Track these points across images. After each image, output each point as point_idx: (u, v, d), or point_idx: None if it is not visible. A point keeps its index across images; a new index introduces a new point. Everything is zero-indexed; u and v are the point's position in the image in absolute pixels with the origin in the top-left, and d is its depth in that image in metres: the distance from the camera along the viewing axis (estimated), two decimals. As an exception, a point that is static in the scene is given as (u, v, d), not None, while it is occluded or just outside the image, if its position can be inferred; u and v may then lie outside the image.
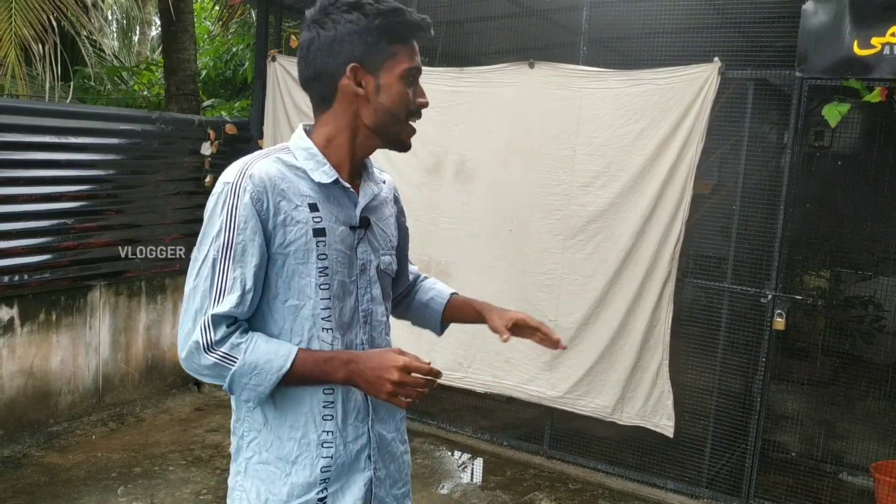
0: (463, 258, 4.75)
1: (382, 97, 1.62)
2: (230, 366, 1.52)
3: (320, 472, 1.63)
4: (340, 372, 1.56)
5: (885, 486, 3.98)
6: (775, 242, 4.01)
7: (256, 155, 1.62)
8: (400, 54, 1.61)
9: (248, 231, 1.53)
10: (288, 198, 1.57)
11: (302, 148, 1.64)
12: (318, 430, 1.63)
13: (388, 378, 1.54)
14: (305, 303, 1.60)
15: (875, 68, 3.66)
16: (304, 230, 1.58)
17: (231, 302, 1.52)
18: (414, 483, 4.45)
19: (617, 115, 4.22)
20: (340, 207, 1.65)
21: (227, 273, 1.53)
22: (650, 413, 4.28)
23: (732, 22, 4.61)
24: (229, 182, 1.55)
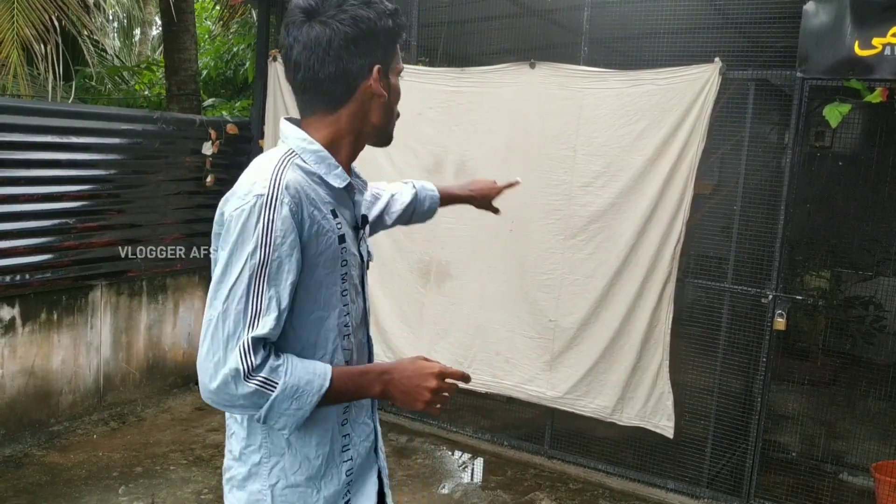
0: (463, 258, 4.75)
1: (392, 97, 1.63)
2: (270, 392, 1.42)
3: (345, 477, 1.63)
4: (377, 385, 1.54)
5: (885, 487, 3.99)
6: (776, 243, 4.01)
7: (276, 162, 1.52)
8: (398, 55, 1.64)
9: (286, 246, 1.44)
10: (317, 206, 1.52)
11: (311, 151, 1.56)
12: (340, 437, 1.61)
13: (427, 386, 1.53)
14: (330, 313, 1.56)
15: (876, 69, 3.66)
16: (332, 238, 1.54)
17: (269, 324, 1.43)
18: (415, 483, 4.48)
19: (617, 115, 4.22)
20: (347, 209, 1.63)
21: (263, 293, 1.43)
22: (650, 414, 4.28)
23: (733, 22, 4.61)
24: (263, 195, 1.44)
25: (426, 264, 4.87)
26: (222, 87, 8.43)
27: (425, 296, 4.88)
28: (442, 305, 4.83)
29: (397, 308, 4.97)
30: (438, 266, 4.83)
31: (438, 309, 4.84)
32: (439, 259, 4.82)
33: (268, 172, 1.48)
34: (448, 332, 4.81)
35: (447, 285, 4.81)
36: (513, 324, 4.60)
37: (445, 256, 4.80)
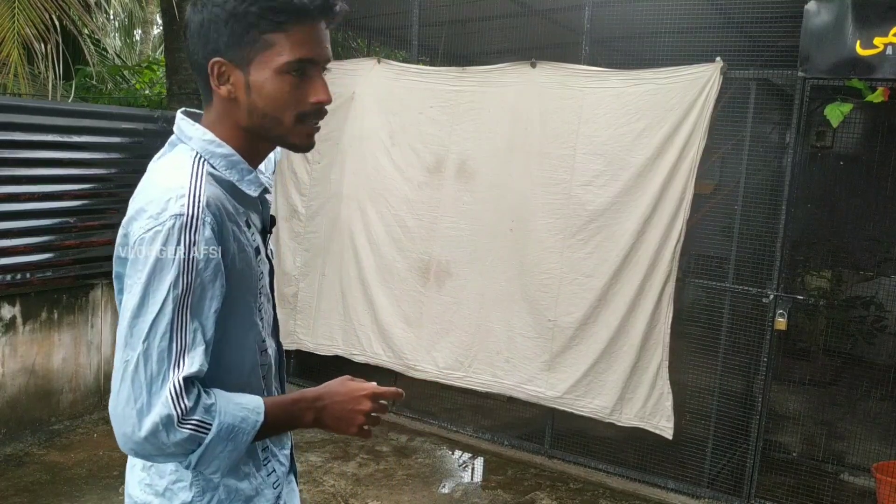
0: (464, 257, 4.75)
1: (254, 96, 1.34)
2: (204, 434, 1.26)
3: (273, 490, 1.51)
4: (309, 413, 1.40)
5: (886, 487, 3.98)
6: (777, 242, 4.01)
7: (192, 172, 1.32)
8: (279, 45, 1.32)
9: (210, 272, 1.27)
10: (235, 221, 1.35)
11: (220, 154, 1.37)
12: (259, 451, 1.49)
13: (360, 409, 1.41)
14: (248, 333, 1.41)
15: (878, 68, 3.66)
16: (251, 253, 1.39)
17: (198, 360, 1.26)
18: (415, 482, 4.48)
19: (618, 114, 4.22)
20: (255, 213, 1.46)
21: (187, 325, 1.25)
22: (649, 414, 4.28)
23: (735, 22, 4.61)
24: (182, 214, 1.25)
25: (426, 263, 4.87)
26: (223, 87, 8.40)
27: (425, 295, 4.88)
28: (442, 305, 4.83)
29: (397, 307, 4.97)
30: (438, 265, 4.83)
31: (439, 308, 4.84)
32: (439, 258, 4.82)
33: (184, 187, 1.28)
34: (448, 331, 4.81)
35: (447, 285, 4.81)
36: (512, 323, 4.59)
37: (445, 256, 4.80)
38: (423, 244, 4.85)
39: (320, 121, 1.41)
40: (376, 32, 6.61)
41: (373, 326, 5.06)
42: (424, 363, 4.87)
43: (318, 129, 1.42)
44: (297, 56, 1.32)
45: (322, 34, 1.36)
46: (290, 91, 1.34)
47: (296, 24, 1.32)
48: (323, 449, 4.71)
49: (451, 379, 4.80)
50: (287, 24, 1.31)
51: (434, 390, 5.17)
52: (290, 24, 1.31)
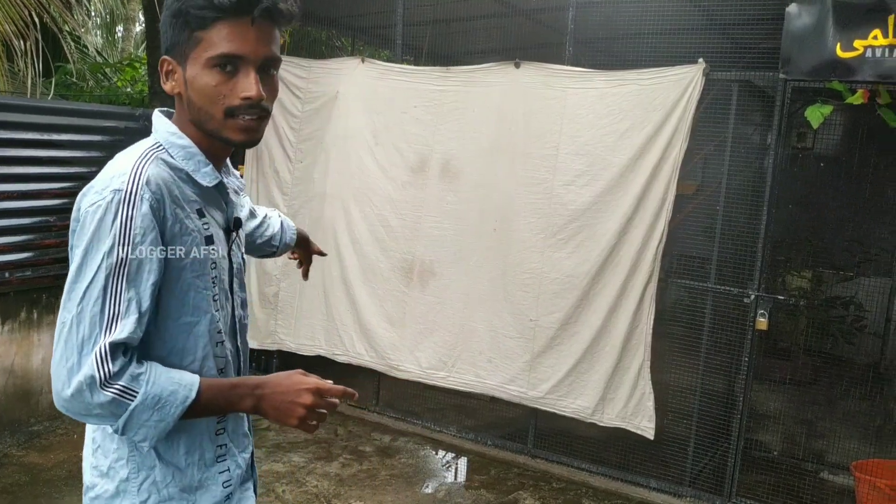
0: (447, 257, 4.74)
1: (191, 91, 1.42)
2: (129, 401, 1.32)
3: (223, 489, 1.54)
4: (248, 400, 1.43)
5: (865, 485, 4.02)
6: (758, 243, 4.04)
7: (138, 156, 1.41)
8: (206, 41, 1.39)
9: (147, 245, 1.34)
10: (181, 205, 1.42)
11: (179, 145, 1.46)
12: (213, 446, 1.52)
13: (301, 402, 1.43)
14: (201, 319, 1.46)
15: (857, 70, 3.69)
16: (198, 240, 1.44)
17: (128, 327, 1.32)
18: (398, 482, 4.47)
19: (601, 114, 4.24)
20: (217, 210, 1.53)
21: (122, 294, 1.32)
22: (631, 414, 4.29)
23: (717, 24, 4.64)
24: (121, 189, 1.34)
25: (409, 263, 4.86)
26: (206, 85, 8.35)
27: (408, 295, 4.87)
28: (426, 305, 4.82)
29: (380, 307, 4.96)
30: (422, 265, 4.82)
31: (422, 308, 4.84)
32: (423, 258, 4.82)
33: (128, 167, 1.38)
34: (432, 331, 4.80)
35: (431, 284, 4.80)
36: (495, 323, 4.60)
37: (429, 255, 4.79)
38: (407, 244, 4.85)
39: (257, 117, 1.44)
40: (360, 32, 6.60)
41: (355, 326, 5.05)
42: (407, 363, 4.86)
43: (255, 125, 1.45)
44: (220, 51, 1.38)
45: (252, 32, 1.39)
46: (216, 86, 1.40)
47: (221, 22, 1.38)
48: (306, 449, 4.69)
49: (435, 379, 4.80)
50: (214, 21, 1.38)
51: (417, 390, 5.16)
52: (216, 22, 1.38)
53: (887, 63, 3.62)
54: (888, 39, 3.62)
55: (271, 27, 1.43)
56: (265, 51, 1.42)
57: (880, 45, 3.64)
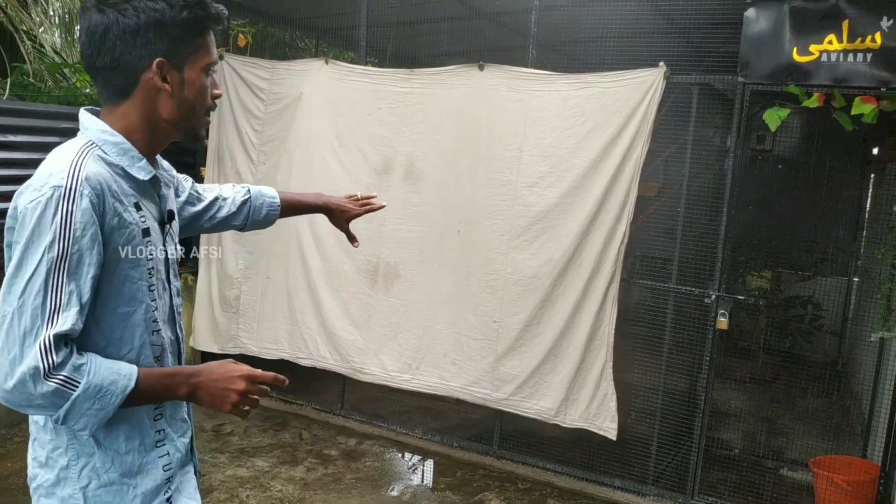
0: (411, 259, 4.74)
1: (187, 92, 1.56)
2: (72, 391, 1.37)
3: (163, 472, 1.61)
4: (184, 387, 1.52)
5: (823, 481, 4.10)
6: (718, 244, 4.10)
7: (75, 153, 1.47)
8: (203, 48, 1.57)
9: (87, 239, 1.40)
10: (119, 199, 1.48)
11: (112, 142, 1.53)
12: (152, 432, 1.60)
13: (235, 388, 1.52)
14: (137, 308, 1.53)
15: (813, 75, 3.77)
16: (136, 232, 1.51)
17: (70, 319, 1.38)
18: (364, 486, 4.44)
19: (564, 117, 4.26)
20: (152, 203, 1.61)
21: (63, 287, 1.38)
22: (593, 415, 4.32)
23: (678, 27, 4.70)
24: (61, 186, 1.40)
25: (373, 265, 4.85)
26: (167, 86, 8.24)
27: (373, 297, 4.86)
28: (390, 307, 4.81)
29: (345, 310, 4.93)
30: (386, 267, 4.81)
31: (387, 311, 4.82)
32: (387, 260, 4.80)
33: (66, 164, 1.44)
34: (396, 334, 4.79)
35: (395, 287, 4.79)
36: (459, 325, 4.60)
37: (393, 257, 4.78)
38: (371, 246, 4.83)
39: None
40: (324, 33, 6.56)
41: (319, 329, 5.01)
42: (372, 366, 4.85)
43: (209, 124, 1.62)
44: (214, 57, 1.60)
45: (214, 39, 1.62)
46: (207, 87, 1.60)
47: (210, 31, 1.59)
48: (270, 454, 4.65)
49: (399, 382, 4.79)
50: (208, 31, 1.58)
51: (383, 393, 5.15)
52: (209, 31, 1.58)
53: (842, 67, 3.71)
54: (842, 44, 3.70)
55: None
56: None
57: (835, 50, 3.72)
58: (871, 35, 3.63)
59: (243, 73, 5.26)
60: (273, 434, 4.95)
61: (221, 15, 1.58)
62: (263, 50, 5.93)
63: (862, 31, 3.65)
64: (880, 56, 3.63)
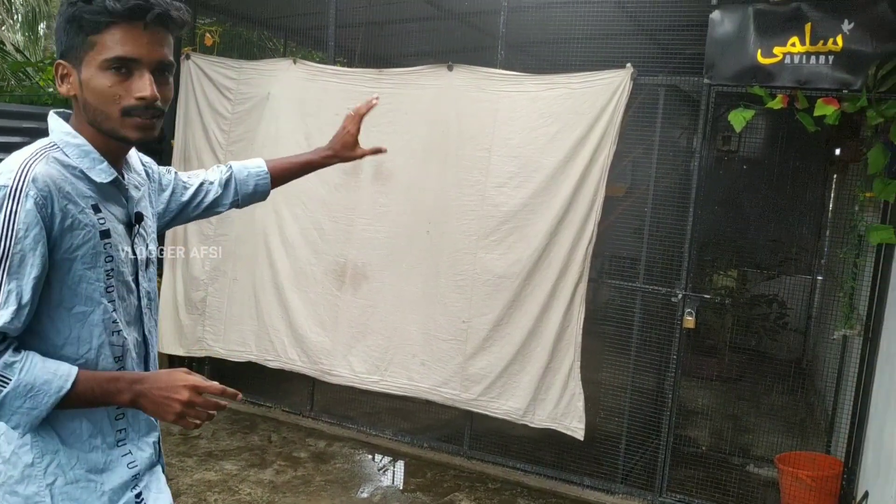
0: (380, 260, 4.72)
1: (86, 93, 1.50)
2: (2, 388, 1.38)
3: (128, 469, 1.60)
4: (126, 394, 1.49)
5: (788, 477, 4.16)
6: (685, 243, 4.14)
7: (29, 155, 1.47)
8: (99, 44, 1.47)
9: (30, 240, 1.40)
10: (73, 200, 1.47)
11: (74, 144, 1.53)
12: (113, 430, 1.59)
13: (177, 398, 1.48)
14: (94, 308, 1.52)
15: (777, 76, 3.83)
16: (92, 234, 1.50)
17: (5, 317, 1.38)
18: (334, 488, 4.42)
19: (532, 117, 4.28)
20: (117, 205, 1.59)
21: (2, 286, 1.39)
22: (561, 415, 4.34)
23: (645, 29, 4.74)
24: (7, 186, 1.40)
25: (341, 266, 4.82)
26: (133, 85, 8.14)
27: (341, 298, 4.83)
28: (358, 308, 4.79)
29: (312, 311, 4.90)
30: (354, 268, 4.79)
31: (354, 312, 4.80)
32: (355, 261, 4.78)
33: (16, 165, 1.44)
34: (365, 335, 4.77)
35: (364, 288, 4.77)
36: (428, 326, 4.59)
37: (362, 258, 4.76)
38: (340, 247, 4.81)
39: (151, 116, 1.52)
40: (292, 33, 6.52)
41: (287, 331, 4.98)
42: (340, 368, 4.82)
43: (151, 123, 1.53)
44: (114, 54, 1.46)
45: (145, 36, 1.48)
46: (111, 86, 1.47)
47: (115, 27, 1.46)
48: (239, 457, 4.61)
49: (367, 383, 4.77)
50: (108, 26, 1.45)
51: (352, 394, 5.12)
52: (110, 26, 1.46)
53: (805, 69, 3.77)
54: (805, 47, 3.76)
55: (164, 32, 1.51)
56: (159, 54, 1.51)
57: (798, 52, 3.78)
58: (832, 38, 3.70)
59: (210, 73, 5.21)
60: (241, 437, 4.91)
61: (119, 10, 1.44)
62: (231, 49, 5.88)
63: (824, 33, 3.72)
64: (842, 58, 3.69)
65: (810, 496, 4.02)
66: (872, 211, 4.11)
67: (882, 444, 3.46)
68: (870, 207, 4.14)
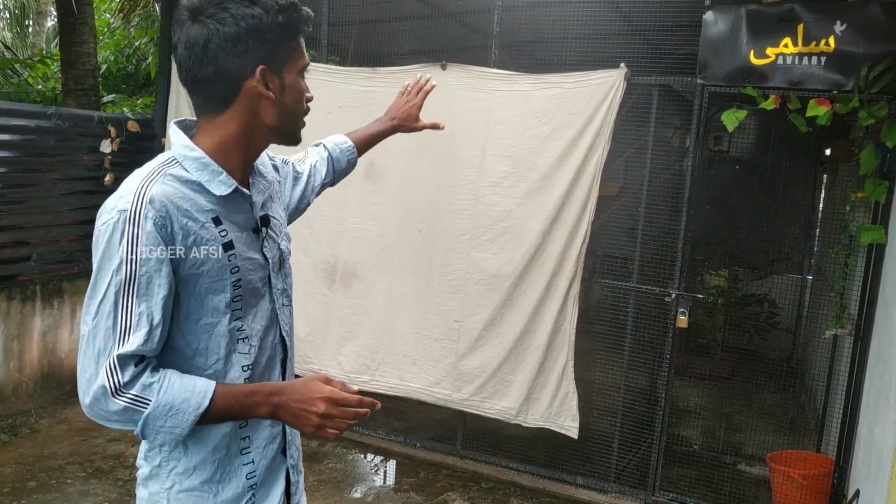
0: (371, 259, 4.71)
1: (287, 97, 1.57)
2: (142, 409, 1.40)
3: (246, 480, 1.62)
4: (264, 407, 1.49)
5: (779, 475, 4.17)
6: (678, 243, 4.15)
7: (146, 175, 1.48)
8: (297, 51, 1.58)
9: (154, 261, 1.42)
10: (193, 217, 1.48)
11: (192, 158, 1.52)
12: (237, 439, 1.60)
13: (315, 411, 1.48)
14: (220, 320, 1.53)
15: (770, 77, 3.84)
16: (215, 248, 1.51)
17: (138, 340, 1.40)
18: (326, 488, 4.40)
19: (526, 117, 4.28)
20: (240, 213, 1.59)
21: (132, 309, 1.41)
22: (555, 415, 4.34)
23: (638, 29, 4.75)
24: (125, 210, 1.42)
25: (332, 265, 4.81)
26: (123, 83, 8.10)
27: (331, 297, 4.81)
28: (348, 307, 4.77)
29: (302, 310, 4.87)
30: (345, 267, 4.77)
31: (345, 311, 4.78)
32: (346, 260, 4.77)
33: (133, 187, 1.45)
34: (355, 334, 4.76)
35: (354, 287, 4.76)
36: (420, 325, 4.59)
37: (353, 257, 4.75)
38: (330, 245, 4.79)
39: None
40: (285, 31, 6.48)
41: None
42: (329, 367, 4.81)
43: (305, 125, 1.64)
44: (305, 60, 1.60)
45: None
46: (304, 91, 1.62)
47: (301, 35, 1.58)
48: (230, 457, 4.58)
49: (357, 383, 4.75)
50: (299, 34, 1.57)
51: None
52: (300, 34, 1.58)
53: (797, 70, 3.78)
54: (798, 48, 3.77)
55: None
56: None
57: (791, 53, 3.79)
58: (825, 39, 3.71)
59: (202, 71, 5.18)
60: (233, 437, 4.88)
61: (310, 17, 1.58)
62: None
63: (816, 34, 3.73)
64: (834, 59, 3.71)
65: (801, 495, 4.04)
66: (863, 211, 4.13)
67: (873, 443, 3.48)
68: (861, 208, 4.16)
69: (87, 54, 6.16)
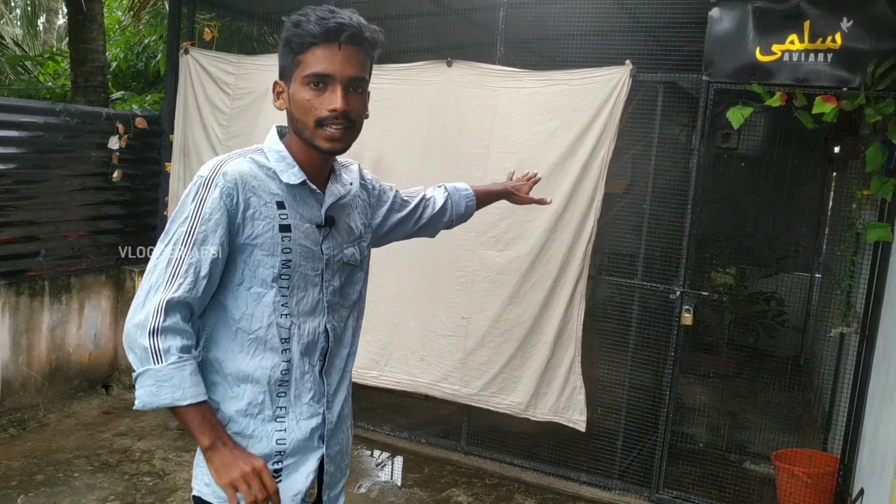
0: (380, 256, 4.70)
1: (292, 106, 1.73)
2: (149, 362, 1.57)
3: (276, 444, 1.75)
4: (209, 438, 1.63)
5: (784, 474, 4.16)
6: (684, 240, 4.14)
7: (233, 154, 1.74)
8: (304, 63, 1.68)
9: (212, 223, 1.63)
10: (258, 194, 1.69)
11: (275, 150, 1.76)
12: (273, 406, 1.75)
13: (243, 467, 1.62)
14: (268, 291, 1.72)
15: (776, 74, 3.83)
16: (271, 225, 1.70)
17: (185, 287, 1.61)
18: (330, 483, 4.38)
19: (531, 113, 4.28)
20: (307, 206, 1.78)
21: (185, 258, 1.62)
22: (563, 409, 4.35)
23: (644, 26, 4.73)
24: (203, 176, 1.66)
25: (341, 262, 4.82)
26: (133, 80, 8.15)
27: (340, 294, 4.82)
28: (358, 304, 4.78)
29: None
30: (354, 263, 4.78)
31: (355, 307, 4.79)
32: (355, 257, 4.77)
33: (218, 161, 1.70)
34: (364, 330, 4.72)
35: (363, 283, 4.76)
36: (428, 321, 4.60)
37: (362, 254, 4.75)
38: (339, 242, 4.80)
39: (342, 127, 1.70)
40: (292, 28, 6.50)
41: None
42: (340, 363, 4.82)
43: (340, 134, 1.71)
44: (312, 70, 1.67)
45: (340, 55, 1.67)
46: (309, 99, 1.68)
47: (315, 47, 1.67)
48: (236, 452, 4.61)
49: (367, 378, 4.77)
50: (310, 47, 1.67)
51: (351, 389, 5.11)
52: (311, 47, 1.67)
53: (803, 67, 3.77)
54: (804, 44, 3.76)
55: (357, 51, 1.70)
56: (350, 71, 1.69)
57: (797, 50, 3.78)
58: (831, 35, 3.70)
59: (209, 68, 5.21)
60: (240, 432, 4.91)
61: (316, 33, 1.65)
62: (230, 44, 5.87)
63: (822, 31, 3.72)
64: (840, 56, 3.69)
65: (806, 493, 4.03)
66: (870, 209, 4.11)
67: (878, 442, 3.47)
68: (867, 205, 4.14)
69: (97, 51, 6.20)
